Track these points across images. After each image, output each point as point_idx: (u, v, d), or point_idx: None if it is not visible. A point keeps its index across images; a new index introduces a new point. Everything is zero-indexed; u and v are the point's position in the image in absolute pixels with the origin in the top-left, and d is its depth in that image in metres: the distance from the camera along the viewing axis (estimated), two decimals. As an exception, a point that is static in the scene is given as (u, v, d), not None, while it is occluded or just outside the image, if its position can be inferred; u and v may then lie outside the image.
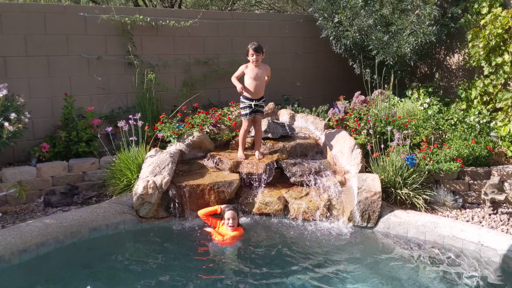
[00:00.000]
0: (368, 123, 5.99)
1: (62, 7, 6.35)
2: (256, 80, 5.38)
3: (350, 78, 8.32)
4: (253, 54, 5.33)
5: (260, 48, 5.37)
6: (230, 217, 4.67)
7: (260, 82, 5.41)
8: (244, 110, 5.47)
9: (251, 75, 5.39)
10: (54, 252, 4.35)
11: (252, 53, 5.33)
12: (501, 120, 6.22)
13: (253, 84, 5.39)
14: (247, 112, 5.44)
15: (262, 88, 5.46)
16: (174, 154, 5.42)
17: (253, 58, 5.35)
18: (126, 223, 4.89)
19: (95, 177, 5.88)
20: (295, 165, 5.47)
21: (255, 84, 5.39)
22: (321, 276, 3.96)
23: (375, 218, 4.90)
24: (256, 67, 5.40)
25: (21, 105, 5.16)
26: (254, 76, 5.38)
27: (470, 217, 5.03)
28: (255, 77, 5.38)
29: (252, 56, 5.34)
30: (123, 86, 6.80)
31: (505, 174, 5.50)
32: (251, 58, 5.36)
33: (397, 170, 5.20)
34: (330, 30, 7.54)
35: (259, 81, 5.40)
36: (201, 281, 3.92)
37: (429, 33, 6.70)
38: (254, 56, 5.33)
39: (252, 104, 5.42)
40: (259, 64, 5.42)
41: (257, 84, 5.39)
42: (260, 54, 5.36)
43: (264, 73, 5.45)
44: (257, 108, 5.47)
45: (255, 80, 5.38)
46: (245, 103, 5.45)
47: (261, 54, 5.38)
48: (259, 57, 5.36)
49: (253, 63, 5.38)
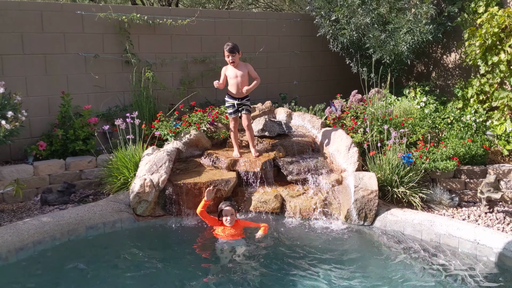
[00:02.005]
0: (364, 121, 6.00)
1: (59, 5, 6.34)
2: (237, 79, 5.43)
3: (347, 76, 8.33)
4: (228, 55, 5.37)
5: (235, 48, 5.37)
6: (227, 213, 4.69)
7: (241, 80, 5.44)
8: (228, 109, 5.58)
9: (231, 75, 5.46)
10: (51, 250, 4.35)
11: (228, 54, 5.37)
12: (497, 119, 6.24)
13: (234, 81, 5.45)
14: (231, 111, 5.54)
15: (244, 85, 5.47)
16: (171, 153, 5.42)
17: (229, 60, 5.39)
18: (123, 221, 4.90)
19: (92, 175, 5.88)
20: (292, 164, 5.48)
21: (236, 81, 5.44)
22: (318, 274, 3.97)
23: (371, 217, 4.92)
24: (235, 67, 5.43)
25: (18, 103, 5.14)
26: (234, 76, 5.44)
27: (466, 215, 5.05)
28: (235, 76, 5.44)
29: (228, 58, 5.39)
30: (120, 84, 6.80)
31: (501, 172, 5.53)
32: (227, 60, 5.41)
33: (394, 168, 5.22)
34: (327, 28, 7.55)
35: (240, 79, 5.43)
36: (199, 278, 3.93)
37: (425, 32, 6.72)
38: (230, 58, 5.37)
39: (235, 103, 5.50)
40: (238, 64, 5.45)
41: (238, 80, 5.43)
42: (235, 54, 5.37)
43: (245, 71, 5.47)
44: (241, 106, 5.51)
45: (235, 78, 5.44)
46: (228, 102, 5.55)
47: (237, 54, 5.39)
48: (235, 58, 5.38)
49: (231, 64, 5.41)
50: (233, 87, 5.47)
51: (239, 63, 5.46)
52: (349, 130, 6.02)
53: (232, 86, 5.48)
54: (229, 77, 5.48)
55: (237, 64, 5.44)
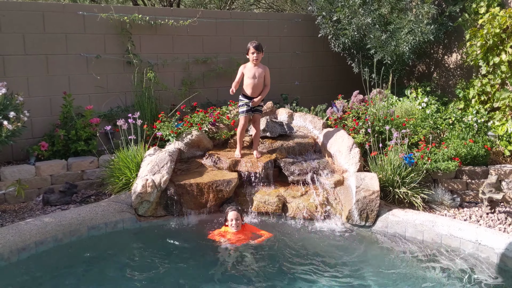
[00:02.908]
0: (366, 122, 6.00)
1: (61, 6, 6.35)
2: (254, 79, 5.40)
3: (349, 77, 8.33)
4: (253, 52, 5.34)
5: (261, 47, 5.39)
6: (233, 217, 4.62)
7: (258, 82, 5.42)
8: (241, 107, 5.52)
9: (249, 74, 5.41)
10: (53, 251, 4.36)
11: (253, 51, 5.34)
12: (498, 120, 6.24)
13: (251, 83, 5.41)
14: (244, 109, 5.48)
15: (261, 87, 5.47)
16: (173, 153, 5.43)
17: (253, 56, 5.35)
18: (125, 222, 4.90)
19: (94, 175, 5.88)
20: (293, 164, 5.49)
21: (253, 83, 5.41)
22: (319, 275, 3.97)
23: (373, 217, 4.92)
24: (255, 66, 5.41)
25: (20, 104, 5.15)
26: (252, 75, 5.40)
27: (467, 216, 5.05)
28: (253, 76, 5.40)
29: (253, 54, 5.35)
30: (122, 85, 6.80)
31: (503, 173, 5.52)
32: (251, 56, 5.37)
33: (395, 169, 5.22)
34: (329, 28, 7.55)
35: (258, 80, 5.41)
36: (200, 279, 3.93)
37: (427, 32, 6.72)
38: (255, 54, 5.34)
39: (250, 103, 5.45)
40: (258, 64, 5.43)
41: (255, 83, 5.41)
42: (260, 53, 5.37)
43: (263, 73, 5.45)
44: (255, 107, 5.49)
45: (253, 79, 5.40)
46: (243, 101, 5.50)
47: (261, 53, 5.39)
48: (259, 56, 5.37)
49: (253, 62, 5.39)
50: (249, 87, 5.42)
51: (259, 64, 5.46)
52: (350, 130, 6.02)
53: (248, 86, 5.43)
54: (247, 76, 5.42)
55: (258, 64, 5.42)
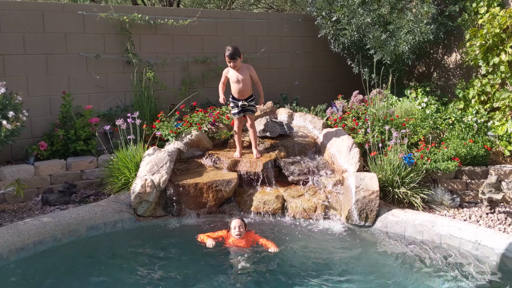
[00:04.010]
0: (366, 122, 6.00)
1: (61, 5, 6.34)
2: (238, 83, 5.45)
3: (348, 77, 8.33)
4: (229, 61, 5.35)
5: (236, 54, 5.32)
6: (236, 225, 4.51)
7: (243, 84, 5.45)
8: (233, 109, 5.59)
9: (233, 79, 5.47)
10: (52, 250, 4.35)
11: (229, 61, 5.35)
12: (498, 120, 6.23)
13: (236, 87, 5.47)
14: (236, 111, 5.56)
15: (247, 89, 5.50)
16: (172, 153, 5.42)
17: (230, 65, 5.39)
18: (124, 222, 4.89)
19: (93, 175, 5.88)
20: (293, 164, 5.48)
21: (237, 87, 5.47)
22: (319, 275, 3.97)
23: (373, 217, 4.91)
24: (237, 71, 5.43)
25: (19, 103, 5.14)
26: (236, 80, 5.46)
27: (467, 216, 5.05)
28: (236, 80, 5.46)
29: (229, 63, 5.37)
30: (121, 84, 6.80)
31: (503, 173, 5.52)
32: (229, 65, 5.40)
33: (395, 169, 5.21)
34: (328, 29, 7.55)
35: (242, 83, 5.45)
36: (199, 279, 3.93)
37: (426, 32, 6.71)
38: (231, 63, 5.36)
39: (239, 104, 5.50)
40: (240, 67, 5.43)
41: (240, 86, 5.46)
42: (236, 60, 5.34)
43: (247, 74, 5.47)
44: (245, 107, 5.52)
45: (237, 83, 5.46)
46: (232, 103, 5.58)
47: (238, 59, 5.36)
48: (236, 63, 5.36)
49: (233, 69, 5.42)
50: (235, 90, 5.49)
51: (241, 66, 5.45)
52: (350, 130, 6.02)
53: (234, 90, 5.50)
54: (231, 80, 5.49)
55: (239, 68, 5.43)
